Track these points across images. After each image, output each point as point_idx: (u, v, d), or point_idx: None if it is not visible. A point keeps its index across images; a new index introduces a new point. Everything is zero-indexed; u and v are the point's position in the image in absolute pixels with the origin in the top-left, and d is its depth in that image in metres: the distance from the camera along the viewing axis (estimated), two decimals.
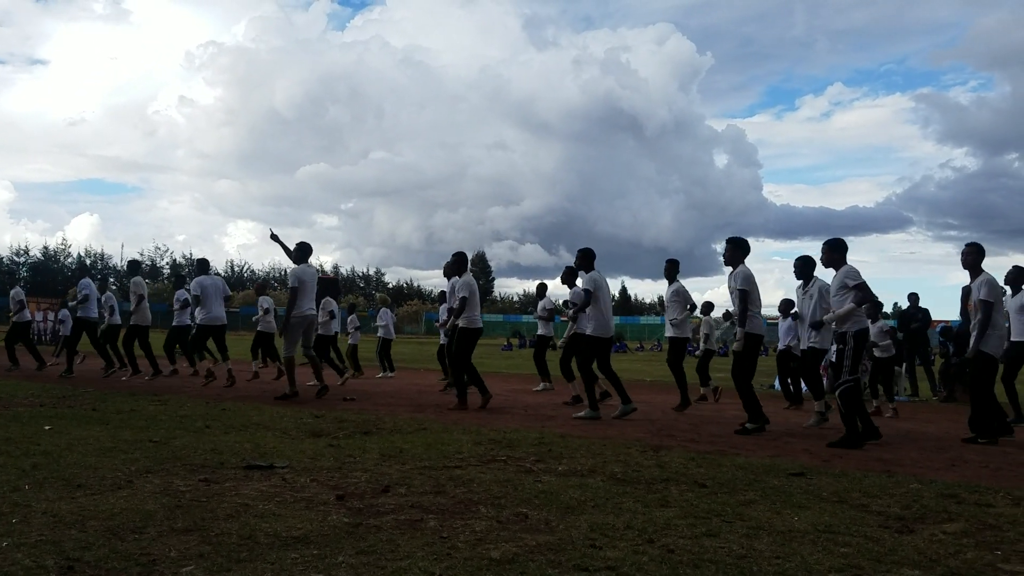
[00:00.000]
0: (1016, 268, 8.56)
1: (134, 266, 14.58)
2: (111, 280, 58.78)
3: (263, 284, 16.58)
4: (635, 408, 8.65)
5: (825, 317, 8.22)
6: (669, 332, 10.06)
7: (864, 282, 7.05)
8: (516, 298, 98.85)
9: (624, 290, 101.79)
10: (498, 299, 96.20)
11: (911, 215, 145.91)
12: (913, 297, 13.64)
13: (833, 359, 13.66)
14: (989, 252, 7.54)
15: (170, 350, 13.62)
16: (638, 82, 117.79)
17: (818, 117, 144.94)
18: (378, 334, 15.64)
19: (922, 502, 4.44)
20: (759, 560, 3.22)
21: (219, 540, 3.32)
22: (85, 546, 3.18)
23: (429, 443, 6.17)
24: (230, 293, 12.69)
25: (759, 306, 7.85)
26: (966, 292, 7.81)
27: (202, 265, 12.88)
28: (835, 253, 7.28)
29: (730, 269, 7.96)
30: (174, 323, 13.54)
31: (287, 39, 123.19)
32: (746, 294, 7.64)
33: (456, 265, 9.65)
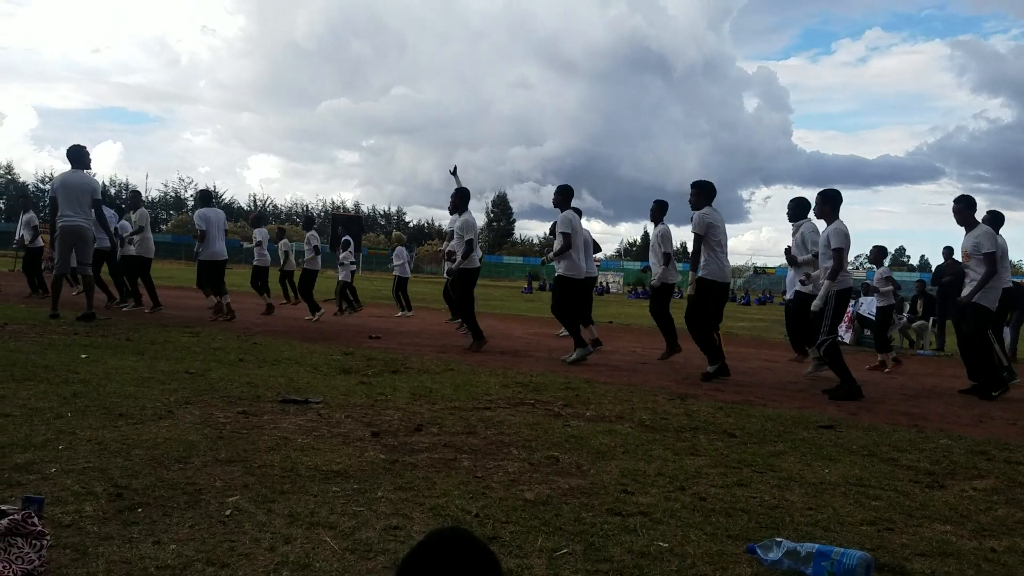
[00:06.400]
0: (991, 213, 8.42)
1: (136, 197, 14.03)
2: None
3: (259, 216, 16.54)
4: (590, 351, 8.69)
5: (800, 258, 8.23)
6: (656, 279, 9.55)
7: (840, 248, 6.93)
8: (536, 240, 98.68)
9: (646, 235, 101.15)
10: (519, 241, 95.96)
11: (943, 166, 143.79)
12: (947, 251, 13.45)
13: (860, 311, 13.64)
14: (1021, 206, 7.48)
15: (254, 285, 14.11)
16: (667, 20, 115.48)
17: (854, 62, 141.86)
18: (394, 272, 15.72)
19: (952, 458, 4.46)
20: (791, 511, 3.25)
21: (262, 472, 3.40)
22: (132, 474, 3.27)
23: (457, 384, 6.24)
24: (226, 227, 12.38)
25: (722, 250, 7.76)
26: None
27: (205, 197, 12.44)
28: (826, 205, 7.20)
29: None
30: (255, 263, 14.48)
31: None
32: (700, 239, 7.63)
33: (456, 201, 9.49)
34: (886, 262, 11.00)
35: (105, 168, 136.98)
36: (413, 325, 12.83)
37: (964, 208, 7.53)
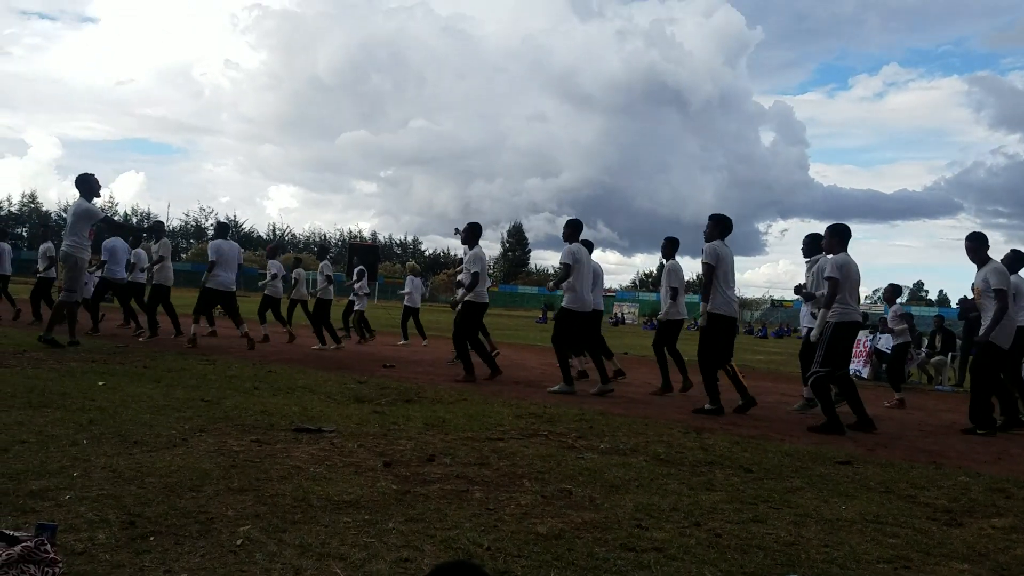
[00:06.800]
0: (1014, 251, 8.34)
1: (159, 228, 13.88)
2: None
3: (275, 247, 16.68)
4: (611, 389, 8.62)
5: (817, 293, 8.16)
6: (662, 314, 9.46)
7: (835, 278, 6.90)
8: (551, 270, 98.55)
9: (661, 266, 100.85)
10: (534, 271, 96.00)
11: (961, 201, 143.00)
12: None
13: (878, 346, 13.53)
14: None
15: (261, 315, 14.07)
16: (683, 55, 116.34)
17: (871, 97, 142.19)
18: (403, 302, 15.70)
19: (970, 495, 4.39)
20: (807, 548, 3.21)
21: (274, 501, 3.40)
22: (145, 502, 3.27)
23: (471, 414, 6.22)
24: (241, 261, 12.42)
25: (728, 285, 7.74)
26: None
27: (222, 228, 12.53)
28: (833, 238, 7.20)
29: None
30: (267, 292, 14.31)
31: (332, 3, 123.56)
32: (711, 268, 7.60)
33: (468, 235, 9.57)
34: (900, 300, 10.90)
35: (127, 197, 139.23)
36: (427, 354, 12.83)
37: (977, 246, 7.50)
